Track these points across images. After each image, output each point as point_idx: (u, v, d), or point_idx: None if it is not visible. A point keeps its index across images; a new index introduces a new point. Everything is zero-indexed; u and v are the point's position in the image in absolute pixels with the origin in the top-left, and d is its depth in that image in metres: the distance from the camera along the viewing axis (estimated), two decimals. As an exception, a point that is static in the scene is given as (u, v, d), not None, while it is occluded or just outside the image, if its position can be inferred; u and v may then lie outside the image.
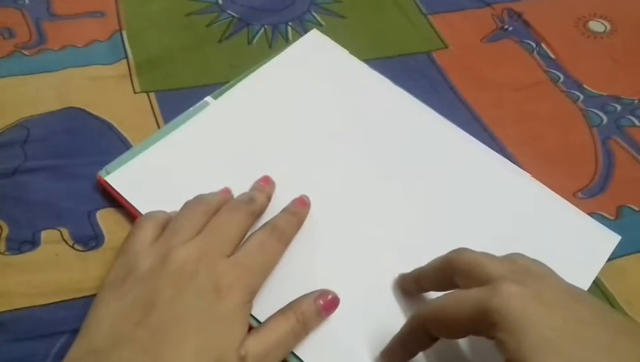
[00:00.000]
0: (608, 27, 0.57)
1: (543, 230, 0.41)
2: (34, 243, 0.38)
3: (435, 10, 0.57)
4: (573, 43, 0.56)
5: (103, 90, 0.47)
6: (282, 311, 0.34)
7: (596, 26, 0.57)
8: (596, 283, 0.40)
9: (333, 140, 0.38)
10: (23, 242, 0.38)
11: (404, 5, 0.57)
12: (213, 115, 0.45)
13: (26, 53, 0.49)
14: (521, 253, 0.33)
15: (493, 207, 0.41)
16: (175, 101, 0.47)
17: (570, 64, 0.54)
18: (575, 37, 0.56)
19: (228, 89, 0.46)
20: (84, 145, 0.44)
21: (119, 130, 0.45)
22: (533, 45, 0.55)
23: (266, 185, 0.40)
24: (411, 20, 0.56)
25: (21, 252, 0.38)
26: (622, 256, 0.41)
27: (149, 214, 0.37)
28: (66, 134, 0.44)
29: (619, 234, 0.41)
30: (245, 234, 0.36)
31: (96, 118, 0.45)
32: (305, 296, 0.35)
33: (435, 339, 0.31)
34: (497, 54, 0.54)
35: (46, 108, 0.45)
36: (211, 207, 0.36)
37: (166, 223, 0.36)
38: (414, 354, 0.33)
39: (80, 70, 0.48)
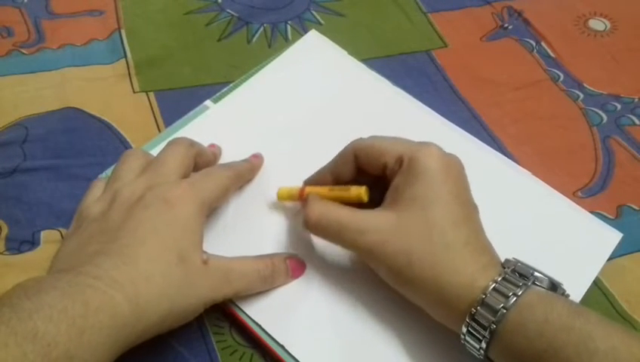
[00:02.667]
0: (608, 25, 0.57)
1: (545, 228, 0.41)
2: (33, 243, 0.38)
3: (435, 9, 0.57)
4: (573, 41, 0.56)
5: (102, 89, 0.47)
6: (256, 256, 0.36)
7: (596, 24, 0.57)
8: (596, 283, 0.40)
9: (333, 143, 0.38)
10: (23, 242, 0.38)
11: (404, 3, 0.57)
12: (213, 120, 0.45)
13: (24, 52, 0.49)
14: (524, 250, 0.34)
15: (494, 205, 0.41)
16: (174, 100, 0.47)
17: (570, 63, 0.54)
18: (575, 35, 0.56)
19: (227, 93, 0.46)
20: (83, 145, 0.44)
21: (118, 129, 0.45)
22: (533, 44, 0.55)
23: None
24: (411, 19, 0.56)
25: (20, 252, 0.38)
26: (622, 255, 0.41)
27: (98, 179, 0.39)
28: (66, 134, 0.44)
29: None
30: (188, 165, 0.37)
31: (95, 117, 0.45)
32: (275, 253, 0.37)
33: (356, 173, 0.37)
34: (497, 53, 0.54)
35: (45, 107, 0.45)
36: (148, 155, 0.38)
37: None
38: (337, 182, 0.38)
39: (79, 69, 0.48)
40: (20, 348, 0.25)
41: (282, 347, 0.35)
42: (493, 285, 0.30)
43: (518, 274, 0.32)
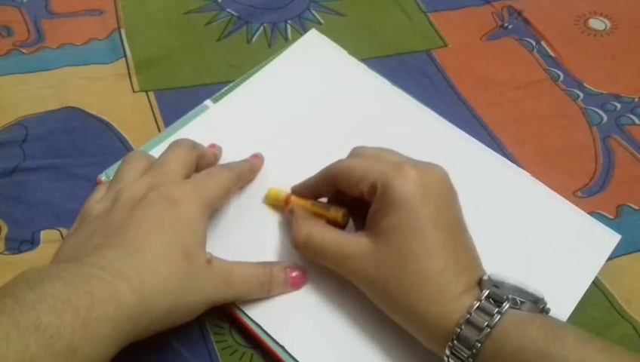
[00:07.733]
0: (608, 25, 0.57)
1: (543, 229, 0.41)
2: (33, 242, 0.38)
3: (435, 8, 0.57)
4: (574, 41, 0.56)
5: (102, 89, 0.47)
6: (257, 262, 0.36)
7: (596, 23, 0.57)
8: (595, 283, 0.40)
9: (333, 143, 0.38)
10: (23, 242, 0.38)
11: (404, 3, 0.57)
12: (213, 119, 0.45)
13: (24, 51, 0.49)
14: (519, 248, 0.33)
15: (493, 206, 0.41)
16: (174, 100, 0.47)
17: (570, 62, 0.54)
18: (575, 35, 0.56)
19: (227, 93, 0.46)
20: (83, 145, 0.44)
21: (118, 129, 0.45)
22: (533, 43, 0.55)
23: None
24: (411, 18, 0.56)
25: (20, 251, 0.38)
26: (621, 255, 0.41)
27: (101, 184, 0.39)
28: (65, 134, 0.44)
29: (618, 233, 0.41)
30: (190, 166, 0.37)
31: (95, 117, 0.45)
32: (277, 261, 0.37)
33: (334, 192, 0.37)
34: (497, 52, 0.54)
35: (44, 107, 0.45)
36: (150, 157, 0.38)
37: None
38: (317, 197, 0.38)
39: (78, 69, 0.48)
40: (23, 340, 0.24)
41: (282, 348, 0.35)
42: (467, 316, 0.30)
43: (493, 300, 0.31)
